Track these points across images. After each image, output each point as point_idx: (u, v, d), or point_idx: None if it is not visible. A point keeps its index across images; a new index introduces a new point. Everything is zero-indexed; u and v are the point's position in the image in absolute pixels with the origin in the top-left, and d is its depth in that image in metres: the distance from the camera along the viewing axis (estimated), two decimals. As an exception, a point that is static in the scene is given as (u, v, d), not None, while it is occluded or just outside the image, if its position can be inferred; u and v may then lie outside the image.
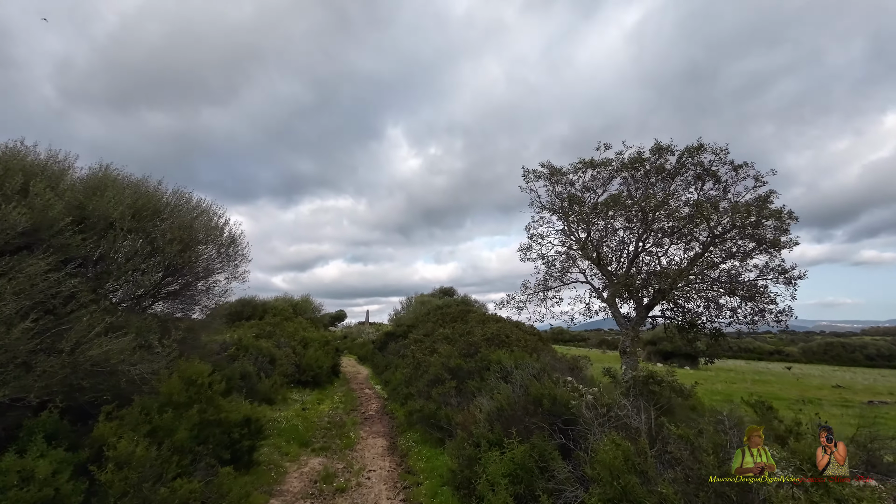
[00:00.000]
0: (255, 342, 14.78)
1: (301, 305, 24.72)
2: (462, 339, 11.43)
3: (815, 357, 58.08)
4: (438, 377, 9.73)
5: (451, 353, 10.19)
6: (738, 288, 7.32)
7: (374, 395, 15.90)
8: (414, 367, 11.34)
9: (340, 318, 58.49)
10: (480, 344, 10.63)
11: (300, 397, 13.61)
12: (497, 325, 11.33)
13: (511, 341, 10.39)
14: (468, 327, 12.11)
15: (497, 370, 8.06)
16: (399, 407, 11.82)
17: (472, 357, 10.72)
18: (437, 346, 12.08)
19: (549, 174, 8.31)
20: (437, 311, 20.74)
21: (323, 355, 16.97)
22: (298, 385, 15.76)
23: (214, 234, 8.08)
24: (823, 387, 29.39)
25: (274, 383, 12.72)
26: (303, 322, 20.65)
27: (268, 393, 12.09)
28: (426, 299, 26.83)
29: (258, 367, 13.74)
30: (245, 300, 19.77)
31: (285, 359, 15.75)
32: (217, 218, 8.36)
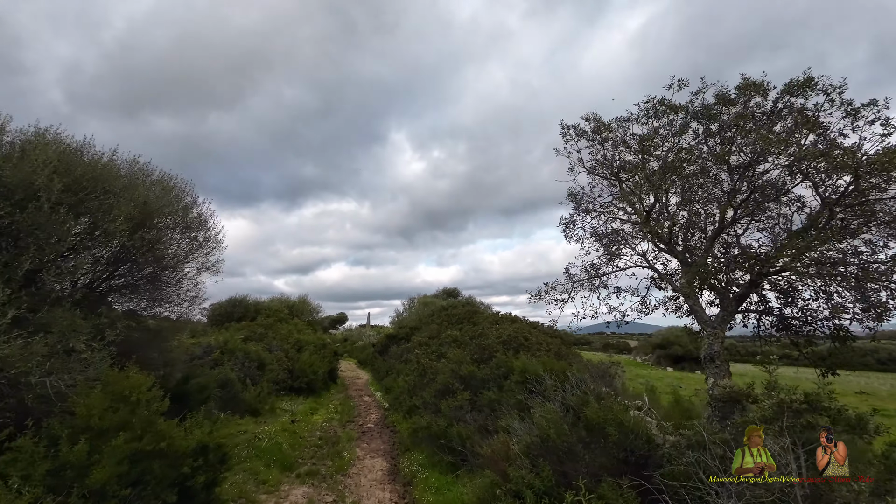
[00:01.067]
0: (243, 345, 13.24)
1: (298, 306, 23.18)
2: (473, 342, 9.89)
3: (823, 362, 56.28)
4: (448, 387, 8.18)
5: (461, 358, 8.66)
6: (868, 275, 5.41)
7: (374, 402, 14.33)
8: (419, 373, 9.80)
9: (341, 321, 56.97)
10: (495, 348, 9.09)
11: (291, 406, 12.05)
12: (513, 325, 9.83)
13: (531, 344, 8.86)
14: (479, 329, 10.57)
15: (520, 380, 6.51)
16: (402, 419, 10.26)
17: (485, 363, 9.18)
18: (444, 351, 10.54)
19: (594, 130, 6.53)
20: (441, 312, 19.19)
21: (318, 360, 15.42)
22: (291, 392, 14.20)
23: (177, 212, 6.56)
24: (845, 393, 27.75)
25: (260, 392, 11.17)
26: (299, 324, 19.12)
27: (253, 403, 10.54)
28: (429, 300, 25.28)
29: (244, 373, 12.19)
30: (236, 300, 18.26)
31: (276, 364, 14.20)
32: (184, 195, 6.85)
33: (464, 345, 9.97)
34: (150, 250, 6.15)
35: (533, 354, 8.61)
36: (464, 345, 9.97)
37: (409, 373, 10.23)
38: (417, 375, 9.91)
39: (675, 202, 6.28)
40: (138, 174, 6.29)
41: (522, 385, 6.49)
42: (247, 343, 15.24)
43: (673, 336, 38.49)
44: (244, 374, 12.01)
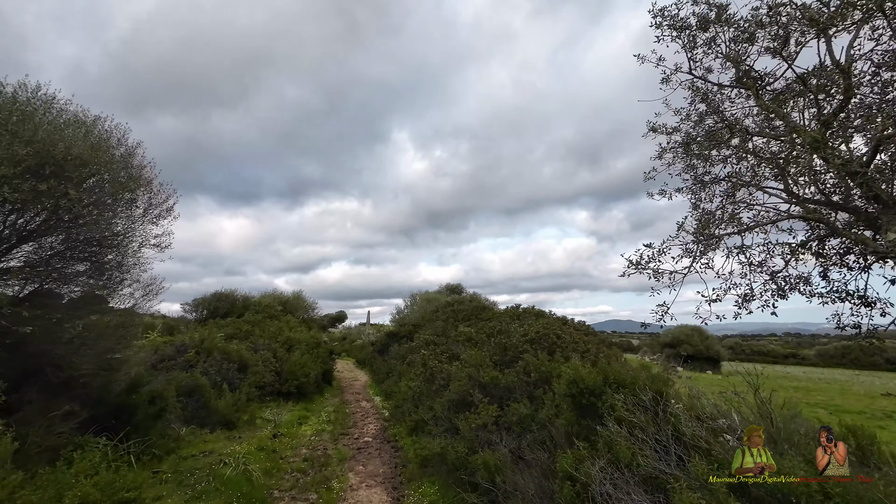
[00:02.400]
0: (223, 344, 11.41)
1: (292, 303, 21.34)
2: (491, 340, 8.07)
3: (832, 361, 54.49)
4: (465, 397, 6.37)
5: (480, 360, 6.84)
6: None
7: (373, 409, 12.51)
8: (426, 378, 7.98)
9: (341, 319, 55.30)
10: (521, 348, 7.28)
11: (276, 416, 10.21)
12: (540, 321, 8.04)
13: (564, 344, 7.06)
14: (497, 325, 8.74)
15: (569, 392, 4.68)
16: (405, 433, 8.44)
17: (509, 366, 7.36)
18: (456, 351, 8.71)
19: (701, 23, 4.31)
20: (447, 308, 17.36)
21: (310, 360, 13.59)
22: (279, 398, 12.38)
23: (103, 164, 4.71)
24: (871, 395, 26.07)
25: (238, 399, 9.33)
26: (291, 321, 17.30)
27: (227, 413, 8.70)
28: (433, 296, 23.47)
29: (221, 376, 10.36)
30: (221, 294, 16.40)
31: (262, 365, 12.37)
32: (115, 144, 5.01)
33: (480, 344, 8.15)
34: (55, 213, 4.31)
35: (566, 357, 6.79)
36: (480, 344, 8.15)
37: (414, 377, 8.41)
38: (424, 380, 8.09)
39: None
40: (40, 108, 4.44)
41: (573, 401, 4.66)
42: (230, 342, 13.41)
43: (683, 334, 36.82)
44: (221, 379, 10.19)
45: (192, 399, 8.27)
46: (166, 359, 10.76)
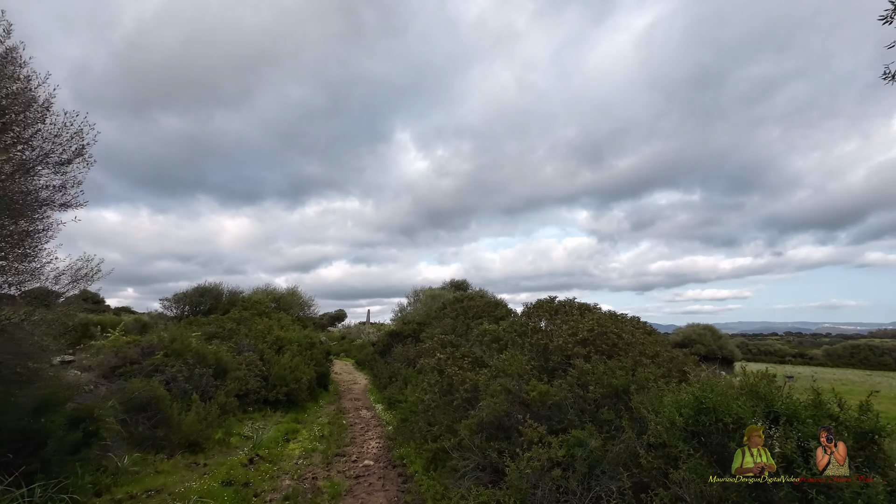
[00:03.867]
0: (198, 345, 9.58)
1: (286, 299, 19.47)
2: (525, 341, 6.26)
3: (840, 360, 52.81)
4: (504, 419, 4.58)
5: (520, 367, 5.04)
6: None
7: (374, 420, 10.70)
8: (442, 389, 6.17)
9: (340, 318, 53.70)
10: (570, 351, 5.47)
11: (257, 431, 8.38)
12: (588, 316, 6.23)
13: (628, 346, 5.26)
14: (527, 321, 6.93)
15: (700, 423, 2.89)
16: (418, 464, 6.64)
17: (552, 375, 5.57)
18: (477, 354, 6.90)
19: None
20: (455, 304, 15.55)
21: (303, 363, 11.77)
22: (265, 406, 10.56)
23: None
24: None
25: (208, 414, 7.51)
26: (283, 318, 15.46)
27: (193, 432, 6.87)
28: (437, 293, 21.66)
29: (193, 383, 8.53)
30: (204, 289, 14.50)
31: (246, 369, 10.55)
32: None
33: (510, 346, 6.34)
34: None
35: (633, 363, 4.98)
36: (510, 346, 6.34)
37: (428, 388, 6.59)
38: (440, 392, 6.28)
39: None
40: None
41: (693, 437, 2.86)
42: (210, 342, 11.58)
43: (695, 334, 35.05)
44: (191, 387, 8.37)
45: (146, 415, 6.45)
46: (128, 362, 8.94)
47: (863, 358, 51.51)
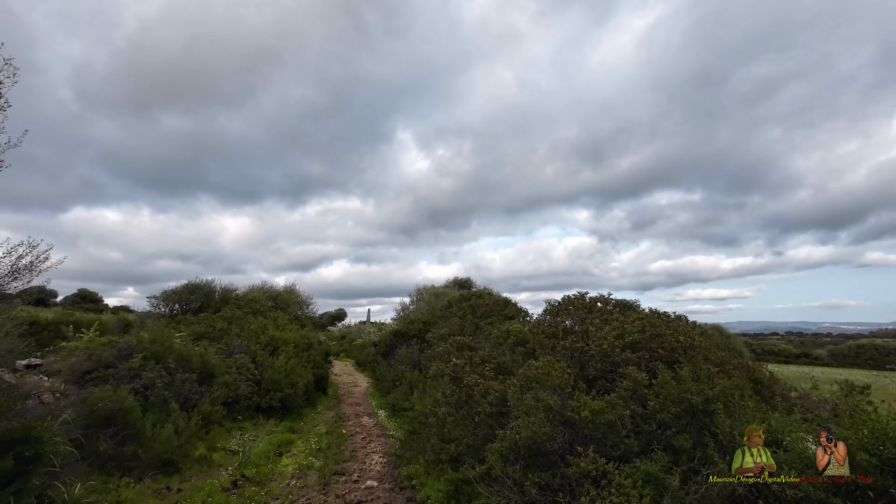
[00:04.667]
0: (181, 346, 8.58)
1: (284, 297, 18.46)
2: (558, 344, 5.27)
3: (845, 360, 51.70)
4: (545, 444, 3.59)
5: (561, 377, 4.05)
6: None
7: (377, 429, 9.70)
8: (459, 401, 5.18)
9: (340, 318, 52.79)
10: (616, 357, 4.48)
11: (245, 445, 7.38)
12: (632, 316, 5.23)
13: (694, 350, 4.28)
14: (553, 320, 5.94)
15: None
16: (426, 477, 5.65)
17: (592, 385, 4.60)
18: (498, 358, 5.91)
19: None
20: (461, 303, 14.57)
21: (299, 365, 10.77)
22: (258, 414, 9.56)
23: None
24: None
25: (188, 426, 6.50)
26: (280, 318, 14.44)
27: (167, 449, 5.87)
28: (441, 291, 20.66)
29: (174, 390, 7.53)
30: (194, 285, 13.45)
31: (236, 373, 9.56)
32: None
33: (540, 350, 5.36)
34: None
35: (694, 371, 4.00)
36: (540, 350, 5.36)
37: (442, 399, 5.58)
38: (456, 404, 5.28)
39: None
40: None
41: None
42: (198, 343, 10.58)
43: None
44: (172, 394, 7.36)
45: (110, 430, 5.45)
46: (102, 366, 7.94)
47: (868, 358, 50.46)
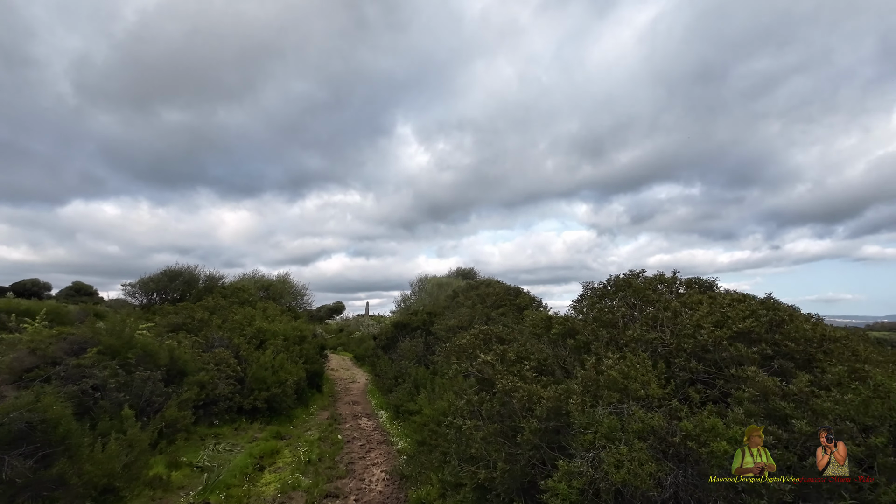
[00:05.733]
0: (146, 338, 7.22)
1: (277, 287, 17.08)
2: (619, 335, 3.94)
3: None
4: (647, 490, 2.24)
5: (651, 385, 2.72)
6: None
7: (378, 433, 8.39)
8: (492, 411, 3.86)
9: (339, 311, 51.56)
10: (727, 354, 3.14)
11: (218, 456, 6.05)
12: (723, 298, 3.96)
13: (834, 344, 2.99)
14: (604, 305, 4.62)
15: None
16: (441, 501, 4.36)
17: (675, 391, 3.25)
18: (536, 354, 4.58)
19: None
20: (469, 292, 13.25)
21: (288, 360, 9.43)
22: (240, 416, 8.24)
23: None
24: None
25: (140, 439, 5.14)
26: (270, 308, 13.07)
27: (108, 470, 4.51)
28: (444, 281, 19.33)
29: (133, 392, 6.19)
30: (174, 272, 11.98)
31: (215, 369, 8.22)
32: None
33: (591, 344, 4.04)
34: None
35: (834, 374, 2.68)
36: (591, 344, 4.04)
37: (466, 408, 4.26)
38: (487, 415, 3.96)
39: None
40: None
41: None
42: (176, 335, 9.22)
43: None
44: (129, 397, 6.01)
45: (27, 449, 4.09)
46: (48, 363, 6.57)
47: (872, 351, 49.91)
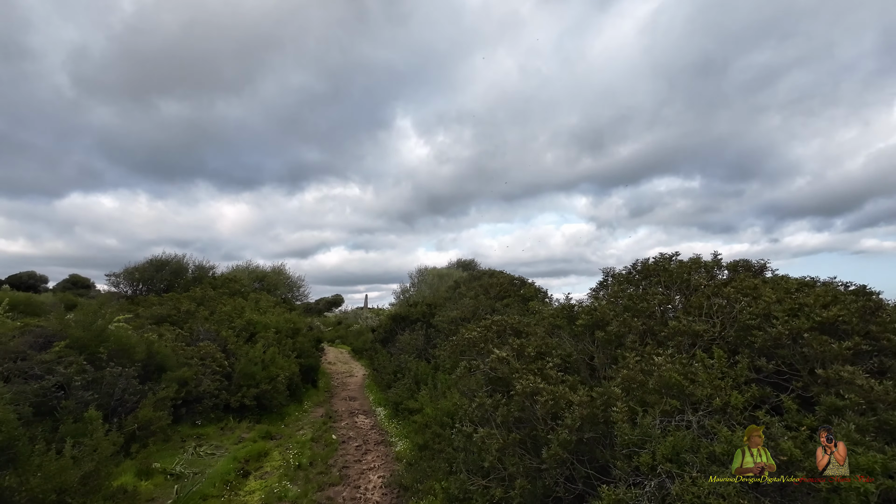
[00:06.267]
0: (120, 331, 6.57)
1: (271, 279, 16.42)
2: (656, 327, 3.29)
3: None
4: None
5: (720, 390, 2.08)
6: None
7: (376, 432, 7.80)
8: (508, 417, 3.23)
9: (337, 303, 51.06)
10: (803, 345, 2.49)
11: (197, 461, 5.44)
12: (798, 284, 3.35)
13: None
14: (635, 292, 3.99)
15: None
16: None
17: (771, 402, 2.59)
18: (557, 349, 3.94)
19: None
20: (472, 282, 12.62)
21: (280, 355, 8.81)
22: (227, 415, 7.63)
23: None
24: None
25: (102, 445, 4.51)
26: (263, 299, 12.43)
27: (62, 483, 3.87)
28: (444, 272, 18.69)
29: (103, 391, 5.56)
30: (160, 261, 11.27)
31: (200, 364, 7.59)
32: None
33: (624, 337, 3.42)
34: None
35: None
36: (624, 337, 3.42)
37: (476, 411, 3.64)
38: (503, 420, 3.34)
39: None
40: None
41: None
42: (159, 327, 8.59)
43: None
44: (97, 396, 5.38)
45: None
46: (8, 359, 5.92)
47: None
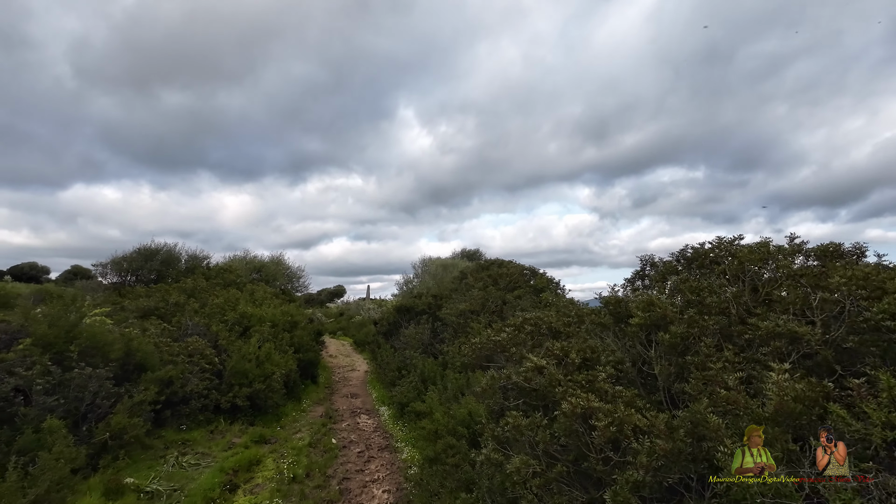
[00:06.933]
0: (101, 329, 5.88)
1: (270, 269, 15.72)
2: (734, 329, 2.56)
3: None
4: None
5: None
6: None
7: (379, 434, 7.15)
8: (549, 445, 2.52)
9: (339, 294, 50.56)
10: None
11: (177, 474, 4.79)
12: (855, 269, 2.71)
13: None
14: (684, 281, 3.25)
15: None
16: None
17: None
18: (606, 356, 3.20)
19: None
20: (480, 272, 11.91)
21: (276, 350, 8.13)
22: (217, 416, 6.99)
23: None
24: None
25: (60, 460, 3.83)
26: (259, 291, 11.74)
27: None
28: (449, 262, 17.98)
29: (70, 395, 4.89)
30: (148, 250, 10.56)
31: (188, 361, 6.92)
32: None
33: (691, 340, 2.71)
34: None
35: None
36: (691, 340, 2.71)
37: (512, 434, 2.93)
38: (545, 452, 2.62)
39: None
40: None
41: None
42: (143, 321, 7.91)
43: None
44: (62, 402, 4.70)
45: None
46: (-34, 357, 5.24)
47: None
